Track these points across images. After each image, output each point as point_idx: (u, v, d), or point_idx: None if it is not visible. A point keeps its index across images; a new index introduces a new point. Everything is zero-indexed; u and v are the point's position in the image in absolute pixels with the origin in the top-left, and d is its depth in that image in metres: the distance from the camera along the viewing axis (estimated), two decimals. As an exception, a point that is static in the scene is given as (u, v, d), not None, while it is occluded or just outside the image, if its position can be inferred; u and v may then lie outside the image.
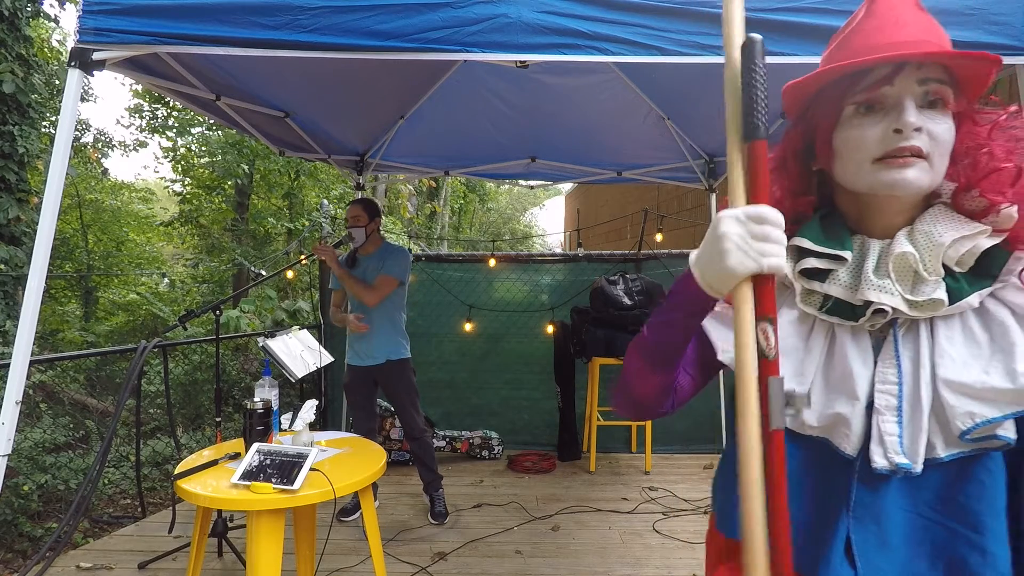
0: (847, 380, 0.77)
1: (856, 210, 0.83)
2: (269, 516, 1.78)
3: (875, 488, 0.76)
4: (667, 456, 4.35)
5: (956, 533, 0.73)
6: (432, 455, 3.23)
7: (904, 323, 0.78)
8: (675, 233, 6.79)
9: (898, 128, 0.74)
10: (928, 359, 0.75)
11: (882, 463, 0.73)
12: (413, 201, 13.17)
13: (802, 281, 0.83)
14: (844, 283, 0.80)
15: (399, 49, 1.74)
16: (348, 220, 3.10)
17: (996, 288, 0.75)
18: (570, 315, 4.36)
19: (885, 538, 0.75)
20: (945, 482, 0.74)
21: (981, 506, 0.72)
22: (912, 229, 0.78)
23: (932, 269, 0.75)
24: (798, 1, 1.72)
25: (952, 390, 0.72)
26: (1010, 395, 0.69)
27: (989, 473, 0.73)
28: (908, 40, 0.75)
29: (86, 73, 1.75)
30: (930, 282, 0.75)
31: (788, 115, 0.89)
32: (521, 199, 25.02)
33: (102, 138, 11.66)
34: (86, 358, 5.94)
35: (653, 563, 2.79)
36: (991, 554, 0.71)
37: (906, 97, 0.75)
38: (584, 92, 3.40)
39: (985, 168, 0.76)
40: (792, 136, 0.87)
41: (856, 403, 0.76)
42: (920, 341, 0.76)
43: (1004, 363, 0.70)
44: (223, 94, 2.67)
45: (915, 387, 0.74)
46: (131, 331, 8.82)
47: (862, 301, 0.77)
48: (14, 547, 3.39)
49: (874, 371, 0.77)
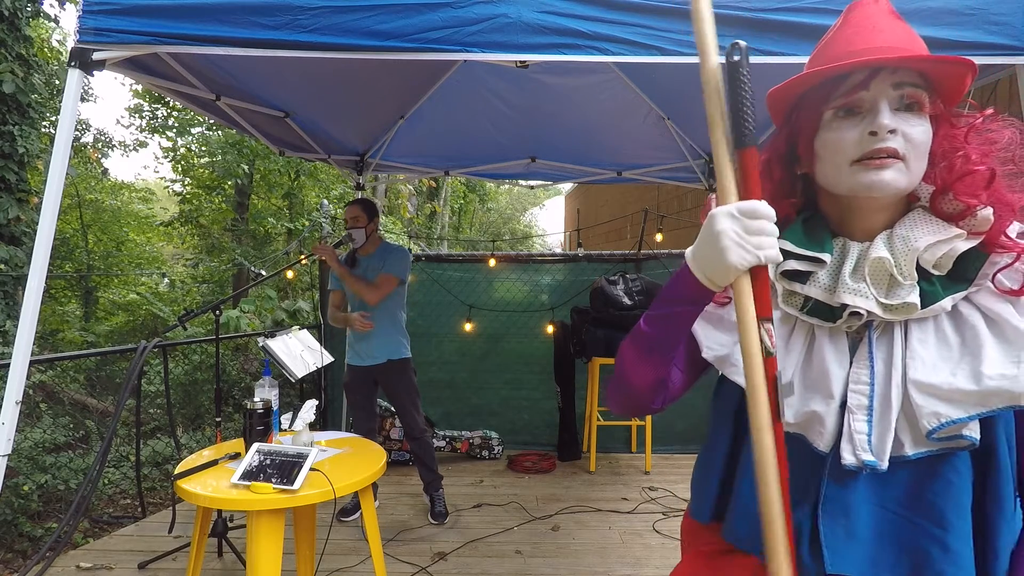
0: (823, 379, 0.80)
1: (838, 212, 0.85)
2: (269, 516, 1.78)
3: (844, 483, 0.79)
4: (667, 456, 4.35)
5: (921, 529, 0.76)
6: (432, 455, 3.23)
7: (879, 325, 0.80)
8: (675, 233, 6.79)
9: (873, 130, 0.76)
10: (900, 360, 0.77)
11: (850, 460, 0.76)
12: (413, 201, 13.17)
13: (783, 282, 0.85)
14: (823, 285, 0.82)
15: (399, 49, 1.74)
16: (347, 221, 3.10)
17: (971, 292, 0.77)
18: (570, 315, 4.36)
19: (852, 531, 0.78)
20: (914, 480, 0.77)
21: (947, 504, 0.75)
22: (891, 233, 0.80)
23: (907, 273, 0.77)
24: (798, 1, 1.72)
25: (920, 391, 0.74)
26: (975, 397, 0.71)
27: (957, 473, 0.75)
28: (883, 46, 0.78)
29: (86, 73, 1.75)
30: (904, 286, 0.77)
31: (773, 120, 0.91)
32: (521, 199, 25.02)
33: (102, 138, 11.65)
34: (86, 358, 5.94)
35: (653, 563, 2.79)
36: (954, 551, 0.74)
37: (881, 100, 0.77)
38: (584, 92, 3.40)
39: (960, 171, 0.78)
40: (776, 141, 0.89)
41: (831, 402, 0.79)
42: (894, 343, 0.78)
43: (971, 365, 0.73)
44: (223, 94, 2.67)
45: (886, 387, 0.77)
46: (131, 331, 8.82)
47: (839, 303, 0.80)
48: (14, 547, 3.39)
49: (849, 371, 0.80)
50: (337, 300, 3.26)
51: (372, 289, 3.02)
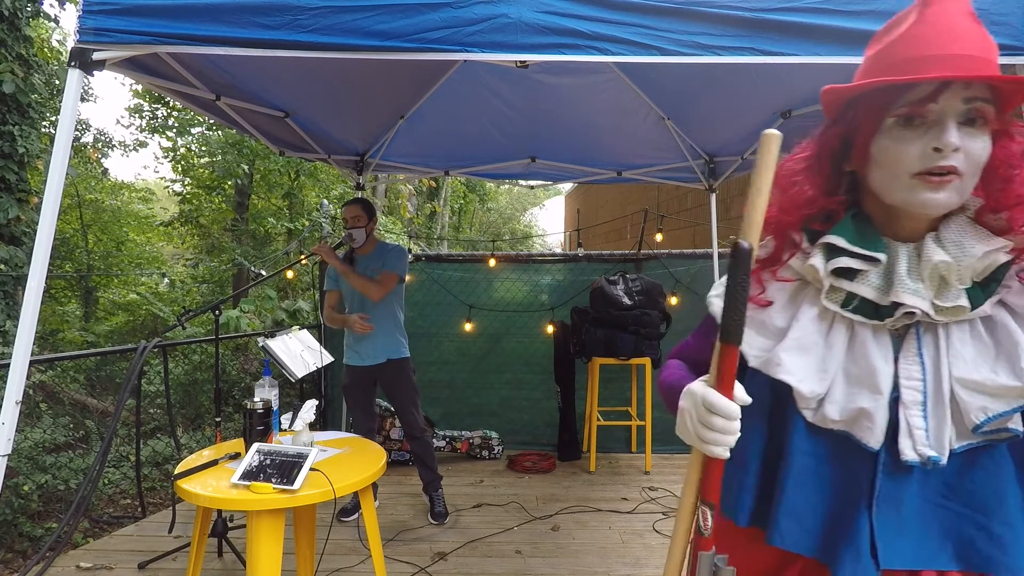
0: (870, 376, 0.81)
1: (883, 213, 0.85)
2: (269, 516, 1.78)
3: (897, 478, 0.80)
4: (667, 456, 4.35)
5: (965, 516, 0.79)
6: (432, 455, 3.23)
7: (923, 325, 0.82)
8: (675, 233, 6.79)
9: (938, 147, 0.75)
10: (944, 358, 0.79)
11: (911, 455, 0.78)
12: (413, 201, 13.17)
13: (831, 279, 0.85)
14: (874, 284, 0.82)
15: (399, 49, 1.74)
16: (347, 221, 3.09)
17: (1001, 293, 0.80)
18: (570, 315, 4.36)
19: (902, 525, 0.80)
20: (954, 471, 0.79)
21: (988, 492, 0.78)
22: (938, 237, 0.81)
23: (964, 278, 0.79)
24: (798, 1, 1.72)
25: (965, 387, 0.77)
26: (1016, 391, 0.75)
27: (995, 462, 0.78)
28: (960, 54, 0.75)
29: (86, 73, 1.75)
30: (955, 289, 0.79)
31: (826, 114, 0.89)
32: (521, 199, 25.03)
33: (102, 138, 11.65)
34: (86, 358, 5.94)
35: (653, 563, 2.79)
36: (998, 535, 0.77)
37: (948, 116, 0.75)
38: (584, 92, 3.40)
39: (1016, 196, 0.78)
40: (829, 136, 0.88)
41: (879, 398, 0.80)
42: (938, 342, 0.80)
43: (1010, 362, 0.76)
44: (223, 94, 2.66)
45: (936, 384, 0.79)
46: (131, 331, 8.81)
47: (890, 302, 0.81)
48: (14, 547, 3.39)
49: (895, 368, 0.81)
50: (333, 301, 3.26)
51: (375, 286, 3.02)
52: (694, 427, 0.79)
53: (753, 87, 2.81)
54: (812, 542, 0.84)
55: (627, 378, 4.44)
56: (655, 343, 4.00)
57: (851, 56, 1.71)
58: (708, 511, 0.79)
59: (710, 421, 0.77)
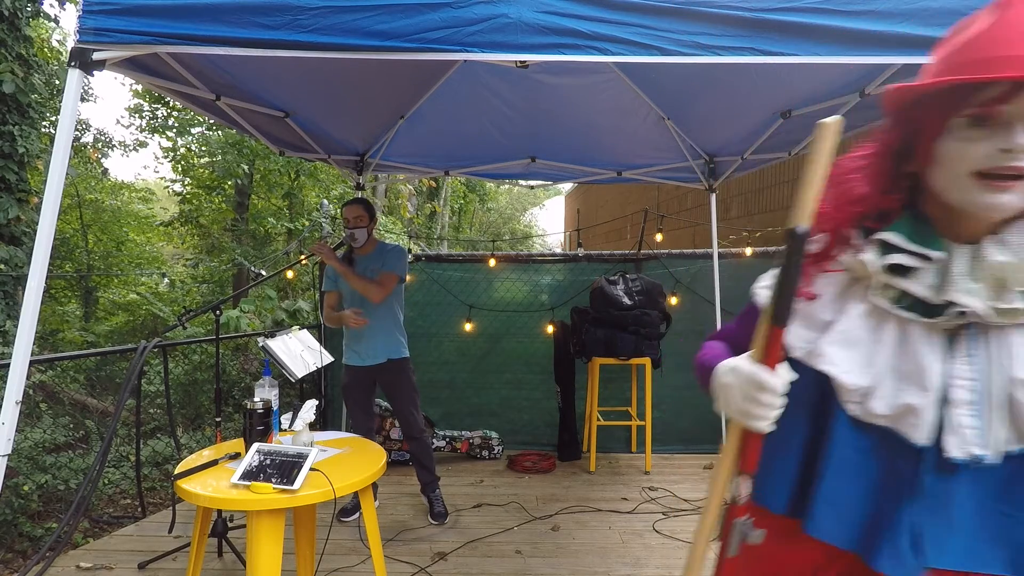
0: (919, 373, 0.81)
1: (943, 214, 0.84)
2: (269, 516, 1.78)
3: (944, 476, 0.80)
4: (667, 456, 4.35)
5: (1018, 521, 0.78)
6: (431, 455, 3.23)
7: (977, 326, 0.81)
8: (675, 233, 6.79)
9: (1007, 148, 0.75)
10: (998, 360, 0.79)
11: (959, 453, 0.77)
12: (413, 201, 13.17)
13: (884, 276, 0.85)
14: (927, 283, 0.82)
15: (399, 49, 1.74)
16: (349, 221, 3.09)
17: None
18: (570, 315, 4.36)
19: (952, 524, 0.80)
20: (1008, 474, 0.78)
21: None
22: (1000, 239, 0.80)
23: (1022, 281, 0.79)
24: (798, 1, 1.72)
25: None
26: None
27: None
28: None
29: (86, 73, 1.75)
30: (1012, 292, 0.78)
31: (886, 111, 0.89)
32: (521, 199, 25.03)
33: (102, 138, 11.65)
34: (86, 358, 5.94)
35: (653, 563, 2.79)
36: None
37: (1019, 118, 0.75)
38: (584, 92, 3.40)
39: None
40: (891, 135, 0.88)
41: (927, 395, 0.80)
42: (990, 343, 0.80)
43: None
44: (223, 94, 2.66)
45: (989, 384, 0.78)
46: (131, 331, 8.82)
47: (944, 301, 0.80)
48: (14, 547, 3.39)
49: (945, 366, 0.81)
50: (332, 301, 3.25)
51: (375, 287, 3.02)
52: (741, 401, 0.83)
53: (753, 87, 2.81)
54: (849, 533, 0.84)
55: (627, 378, 4.44)
56: (655, 343, 4.00)
57: (851, 56, 1.71)
58: (743, 482, 0.83)
59: (758, 396, 0.81)
